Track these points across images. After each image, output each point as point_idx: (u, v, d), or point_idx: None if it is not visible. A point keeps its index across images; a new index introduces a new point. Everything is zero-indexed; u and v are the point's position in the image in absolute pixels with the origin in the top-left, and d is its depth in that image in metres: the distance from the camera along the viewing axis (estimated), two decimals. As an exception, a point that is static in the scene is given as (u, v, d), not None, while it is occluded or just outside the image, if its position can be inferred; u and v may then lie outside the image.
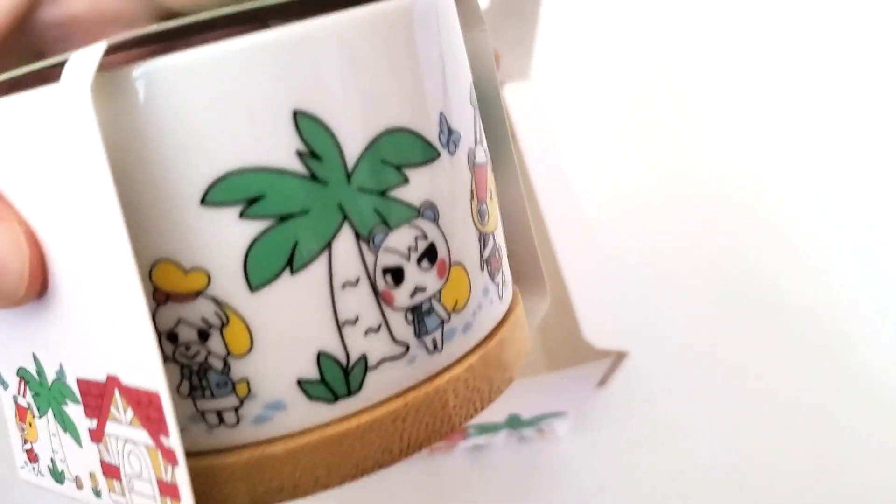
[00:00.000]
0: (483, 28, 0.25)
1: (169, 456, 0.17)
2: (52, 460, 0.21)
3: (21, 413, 0.21)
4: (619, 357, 0.37)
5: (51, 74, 0.17)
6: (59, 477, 0.21)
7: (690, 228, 0.56)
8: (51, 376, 0.19)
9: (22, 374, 0.20)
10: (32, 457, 0.21)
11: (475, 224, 0.21)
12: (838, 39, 0.67)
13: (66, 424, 0.19)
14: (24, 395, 0.21)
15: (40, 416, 0.20)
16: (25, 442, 0.21)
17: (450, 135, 0.20)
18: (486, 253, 0.21)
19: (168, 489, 0.17)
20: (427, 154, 0.19)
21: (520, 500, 0.44)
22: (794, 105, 0.63)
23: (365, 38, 0.18)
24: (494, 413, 0.40)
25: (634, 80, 0.63)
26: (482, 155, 0.22)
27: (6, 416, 0.22)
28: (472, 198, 0.21)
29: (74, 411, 0.19)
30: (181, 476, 0.17)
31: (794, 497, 0.46)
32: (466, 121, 0.21)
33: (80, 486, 0.20)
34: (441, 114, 0.20)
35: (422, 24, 0.19)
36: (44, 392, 0.20)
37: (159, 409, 0.17)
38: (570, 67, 0.63)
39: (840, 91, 0.64)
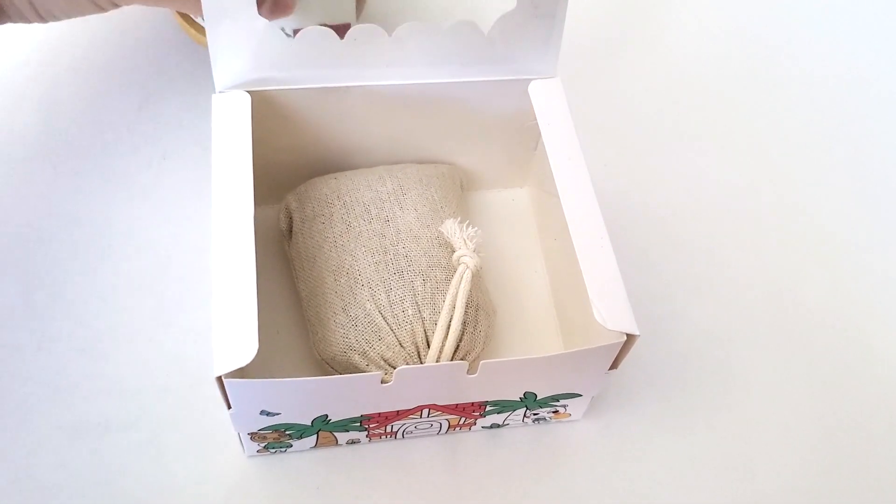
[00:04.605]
0: None
1: None
2: None
3: None
4: (630, 340, 0.39)
5: None
6: None
7: (706, 222, 0.57)
8: None
9: None
10: None
11: None
12: (856, 32, 0.67)
13: None
14: None
15: None
16: None
17: None
18: None
19: None
20: None
21: (534, 479, 0.46)
22: (814, 100, 0.64)
23: None
24: (511, 391, 0.42)
25: (655, 79, 0.64)
26: None
27: None
28: None
29: None
30: None
31: (807, 481, 0.47)
32: None
33: None
34: None
35: None
36: None
37: None
38: (593, 65, 0.64)
39: (863, 86, 0.65)
